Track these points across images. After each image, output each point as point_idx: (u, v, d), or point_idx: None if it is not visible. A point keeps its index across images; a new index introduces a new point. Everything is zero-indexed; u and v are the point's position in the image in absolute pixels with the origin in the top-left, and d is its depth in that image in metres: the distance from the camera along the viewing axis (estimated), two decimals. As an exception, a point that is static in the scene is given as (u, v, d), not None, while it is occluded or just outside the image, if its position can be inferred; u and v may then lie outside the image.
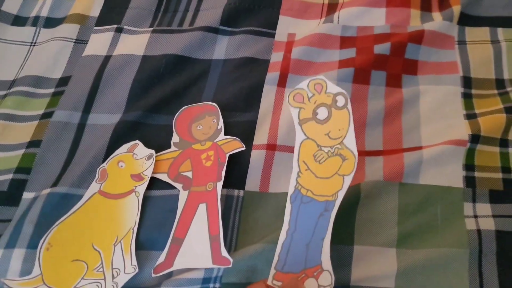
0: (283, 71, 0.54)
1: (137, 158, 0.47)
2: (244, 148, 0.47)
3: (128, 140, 0.49)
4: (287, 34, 0.58)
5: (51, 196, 0.46)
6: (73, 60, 0.57)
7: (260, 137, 0.49)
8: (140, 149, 0.48)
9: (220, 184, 0.45)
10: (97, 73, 0.55)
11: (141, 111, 0.52)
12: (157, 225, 0.44)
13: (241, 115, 0.51)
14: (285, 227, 0.40)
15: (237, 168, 0.47)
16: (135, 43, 0.58)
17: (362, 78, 0.52)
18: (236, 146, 0.47)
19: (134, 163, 0.47)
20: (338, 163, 0.40)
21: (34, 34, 0.60)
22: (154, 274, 0.42)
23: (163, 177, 0.47)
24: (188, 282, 0.41)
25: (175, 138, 0.49)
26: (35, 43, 0.60)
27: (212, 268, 0.41)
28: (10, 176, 0.48)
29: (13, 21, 0.62)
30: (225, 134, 0.49)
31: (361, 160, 0.47)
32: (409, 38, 0.54)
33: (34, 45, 0.59)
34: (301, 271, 0.39)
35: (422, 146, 0.47)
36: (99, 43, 0.58)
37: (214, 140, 0.48)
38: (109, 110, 0.53)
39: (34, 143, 0.50)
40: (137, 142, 0.49)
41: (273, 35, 0.58)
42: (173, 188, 0.46)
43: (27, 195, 0.47)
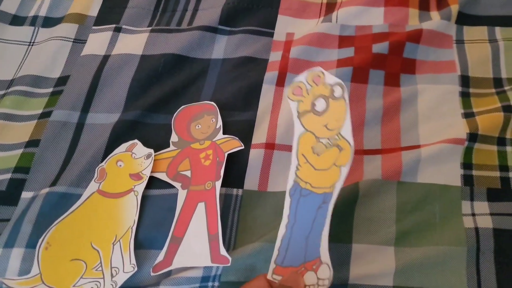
0: (282, 70, 0.54)
1: (136, 158, 0.47)
2: (242, 147, 0.47)
3: (127, 139, 0.49)
4: (286, 33, 0.58)
5: (49, 196, 0.46)
6: (72, 60, 0.57)
7: (259, 136, 0.49)
8: (139, 148, 0.48)
9: (218, 183, 0.45)
10: (96, 72, 0.55)
11: (139, 111, 0.52)
12: (156, 224, 0.44)
13: (240, 114, 0.51)
14: (284, 221, 0.40)
15: (236, 167, 0.47)
16: (133, 43, 0.58)
17: (360, 77, 0.52)
18: (234, 145, 0.47)
19: (133, 162, 0.47)
20: (335, 154, 0.40)
21: (33, 34, 0.60)
22: (153, 273, 0.42)
23: (162, 176, 0.47)
24: (187, 281, 0.41)
25: (174, 137, 0.49)
26: (33, 42, 0.60)
27: (211, 266, 0.41)
28: (8, 175, 0.48)
29: (11, 20, 0.61)
30: (224, 133, 0.49)
31: (359, 158, 0.47)
32: (407, 37, 0.54)
33: (32, 45, 0.59)
34: (301, 265, 0.38)
35: (420, 145, 0.47)
36: (97, 42, 0.58)
37: (213, 139, 0.48)
38: (108, 109, 0.53)
39: (32, 143, 0.50)
40: (136, 141, 0.49)
41: (272, 34, 0.58)
42: (172, 187, 0.46)
43: (25, 195, 0.47)
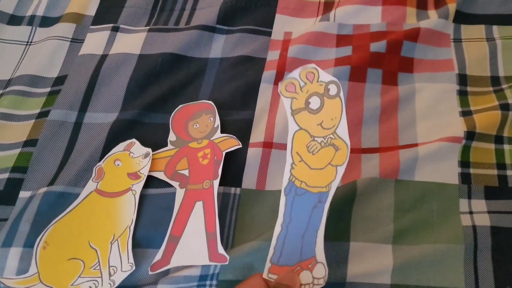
0: (280, 69, 0.54)
1: (133, 157, 0.47)
2: (240, 146, 0.47)
3: (125, 138, 0.49)
4: (284, 32, 0.58)
5: (47, 195, 0.46)
6: (69, 59, 0.57)
7: (257, 135, 0.49)
8: (136, 147, 0.48)
9: (216, 182, 0.45)
10: (94, 72, 0.55)
11: (137, 110, 0.52)
12: (153, 223, 0.44)
13: (238, 113, 0.51)
14: (279, 220, 0.40)
15: (234, 166, 0.47)
16: (131, 42, 0.58)
17: (358, 76, 0.52)
18: (232, 144, 0.47)
19: (131, 161, 0.47)
20: (331, 153, 0.40)
21: (30, 33, 0.60)
22: (151, 272, 0.42)
23: (160, 175, 0.47)
24: (185, 280, 0.41)
25: (172, 136, 0.49)
26: (31, 42, 0.60)
27: (208, 265, 0.41)
28: (6, 175, 0.48)
29: (9, 20, 0.61)
30: (222, 132, 0.49)
31: (357, 157, 0.47)
32: (405, 36, 0.54)
33: (30, 44, 0.59)
34: (296, 264, 0.38)
35: (417, 143, 0.47)
36: (95, 42, 0.58)
37: (211, 138, 0.48)
38: (106, 109, 0.53)
39: (30, 142, 0.50)
40: (134, 140, 0.49)
41: (270, 33, 0.58)
42: (170, 186, 0.46)
43: (23, 194, 0.47)
